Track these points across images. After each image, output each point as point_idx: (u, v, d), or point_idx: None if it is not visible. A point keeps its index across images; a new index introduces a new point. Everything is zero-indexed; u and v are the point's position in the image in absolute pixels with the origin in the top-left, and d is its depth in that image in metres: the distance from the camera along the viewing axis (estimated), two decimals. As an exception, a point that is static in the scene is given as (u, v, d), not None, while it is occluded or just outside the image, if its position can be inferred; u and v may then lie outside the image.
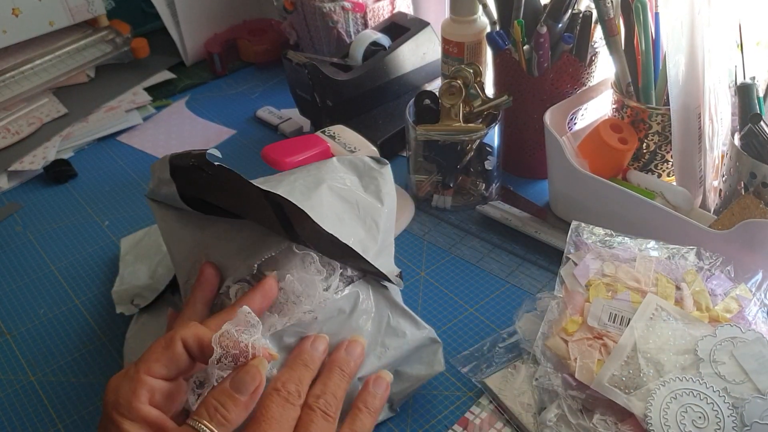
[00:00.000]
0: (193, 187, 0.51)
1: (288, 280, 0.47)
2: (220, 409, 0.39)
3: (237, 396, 0.39)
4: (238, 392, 0.40)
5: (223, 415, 0.39)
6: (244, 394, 0.40)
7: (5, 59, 0.94)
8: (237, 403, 0.39)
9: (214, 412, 0.39)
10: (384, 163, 0.59)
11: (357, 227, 0.53)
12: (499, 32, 0.72)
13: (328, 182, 0.54)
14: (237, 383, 0.40)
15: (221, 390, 0.40)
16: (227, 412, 0.39)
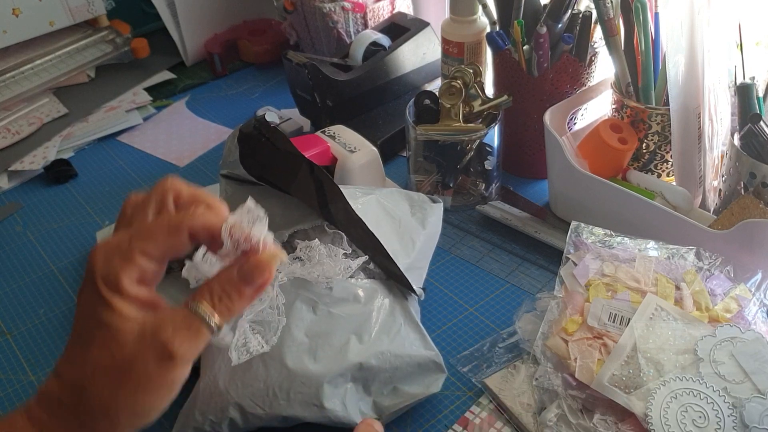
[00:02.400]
0: (254, 158, 0.56)
1: (315, 243, 0.51)
2: (224, 298, 0.37)
3: (243, 287, 0.37)
4: (246, 283, 0.37)
5: (227, 305, 0.37)
6: (251, 286, 0.37)
7: (5, 59, 0.94)
8: (242, 295, 0.37)
9: (218, 300, 0.36)
10: (438, 201, 0.63)
11: (393, 238, 0.57)
12: (499, 32, 0.73)
13: (378, 197, 0.59)
14: (246, 274, 0.37)
15: (228, 278, 0.37)
16: (231, 302, 0.37)
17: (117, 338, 0.35)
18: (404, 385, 0.52)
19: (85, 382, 0.34)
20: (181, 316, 0.36)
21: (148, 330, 0.35)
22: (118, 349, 0.34)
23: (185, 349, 0.35)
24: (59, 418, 0.35)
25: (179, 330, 0.35)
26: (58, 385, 0.35)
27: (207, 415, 0.49)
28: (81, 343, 0.35)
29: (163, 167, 0.87)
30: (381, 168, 0.74)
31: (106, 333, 0.35)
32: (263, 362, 0.49)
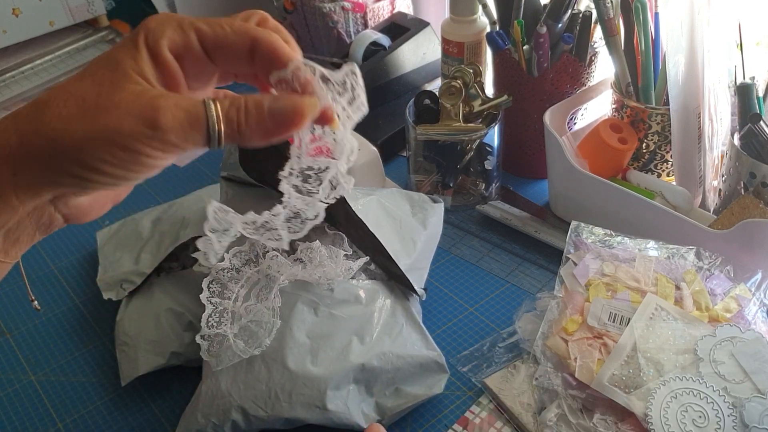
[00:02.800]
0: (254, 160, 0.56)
1: (316, 244, 0.50)
2: (241, 113, 0.32)
3: (265, 116, 0.32)
4: (271, 115, 0.32)
5: (238, 122, 0.32)
6: (273, 120, 0.32)
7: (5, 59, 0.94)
8: (260, 123, 0.32)
9: (234, 110, 0.32)
10: (439, 201, 0.63)
11: (394, 239, 0.56)
12: (499, 32, 0.72)
13: (378, 197, 0.59)
14: (277, 107, 0.32)
15: (256, 100, 0.32)
16: (244, 122, 0.32)
17: (117, 81, 0.31)
18: (407, 385, 0.52)
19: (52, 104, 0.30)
20: (189, 100, 0.31)
21: (150, 93, 0.31)
22: (109, 91, 0.30)
23: (173, 126, 0.30)
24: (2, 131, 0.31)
25: (179, 107, 0.30)
26: (24, 105, 0.32)
27: (209, 418, 0.49)
28: (82, 73, 0.31)
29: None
30: (381, 168, 0.74)
31: (111, 72, 0.31)
32: (265, 364, 0.49)
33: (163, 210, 0.70)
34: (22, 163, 0.30)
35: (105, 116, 0.30)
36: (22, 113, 0.31)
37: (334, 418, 0.49)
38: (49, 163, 0.30)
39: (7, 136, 0.30)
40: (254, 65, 0.34)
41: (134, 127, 0.30)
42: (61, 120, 0.30)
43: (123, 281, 0.62)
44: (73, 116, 0.30)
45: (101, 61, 0.32)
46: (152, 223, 0.68)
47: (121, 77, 0.31)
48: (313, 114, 0.33)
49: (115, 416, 0.55)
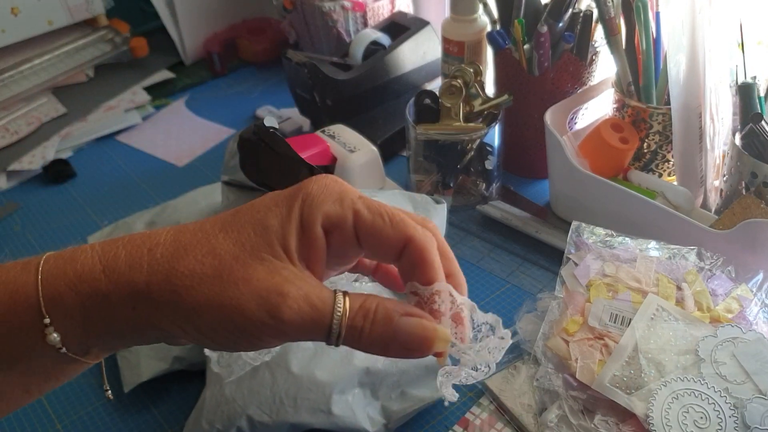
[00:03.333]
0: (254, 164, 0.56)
1: None
2: (367, 322, 0.30)
3: (392, 334, 0.30)
4: (397, 334, 0.30)
5: (362, 331, 0.30)
6: (396, 342, 0.30)
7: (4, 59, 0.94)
8: (383, 338, 0.30)
9: (360, 319, 0.30)
10: (441, 202, 0.62)
11: None
12: (500, 31, 0.72)
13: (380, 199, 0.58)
14: (406, 328, 0.30)
15: (386, 311, 0.30)
16: (368, 332, 0.30)
17: (257, 250, 0.30)
18: (412, 388, 0.52)
19: (191, 256, 0.29)
20: (321, 293, 0.30)
21: (284, 273, 0.29)
22: (247, 258, 0.29)
23: (294, 320, 0.29)
24: (134, 263, 0.30)
25: (307, 301, 0.29)
26: (166, 236, 0.31)
27: (214, 424, 0.49)
28: (226, 226, 0.31)
29: (162, 167, 0.86)
30: (381, 168, 0.74)
31: (257, 236, 0.30)
32: (269, 369, 0.49)
33: (156, 213, 0.69)
34: (144, 303, 0.30)
35: (233, 289, 0.29)
36: (159, 251, 0.30)
37: (339, 422, 0.49)
38: (166, 314, 0.30)
39: (139, 272, 0.30)
40: (398, 263, 0.32)
41: (256, 311, 0.29)
42: (192, 277, 0.29)
43: None
44: (205, 277, 0.29)
45: (251, 217, 0.31)
46: (146, 227, 0.67)
47: (263, 246, 0.30)
48: (441, 347, 0.31)
49: (115, 419, 0.55)
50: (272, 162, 0.56)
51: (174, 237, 0.31)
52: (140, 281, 0.29)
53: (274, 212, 0.31)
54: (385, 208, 0.32)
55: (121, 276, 0.30)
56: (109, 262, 0.30)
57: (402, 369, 0.51)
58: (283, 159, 0.55)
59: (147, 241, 0.31)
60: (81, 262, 0.30)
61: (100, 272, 0.30)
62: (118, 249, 0.30)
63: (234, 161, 0.58)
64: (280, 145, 0.54)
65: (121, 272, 0.30)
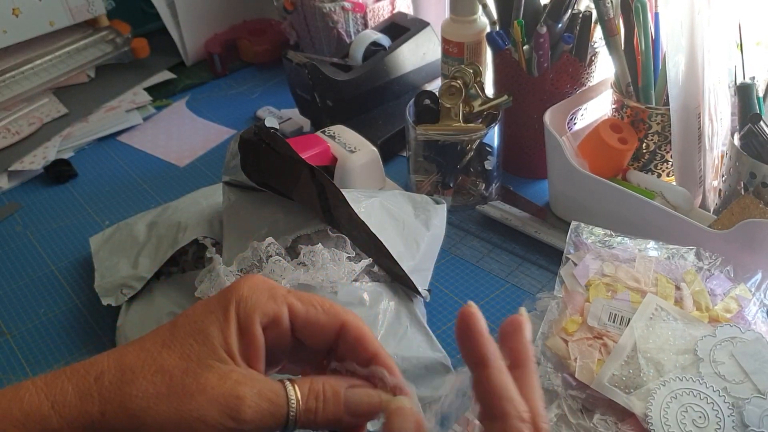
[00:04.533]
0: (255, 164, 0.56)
1: (319, 247, 0.51)
2: (319, 402, 0.32)
3: (342, 408, 0.32)
4: (347, 407, 0.32)
5: (318, 411, 0.32)
6: (348, 414, 0.32)
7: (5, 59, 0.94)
8: (336, 414, 0.32)
9: (312, 401, 0.32)
10: (441, 203, 0.63)
11: (397, 241, 0.57)
12: (499, 32, 0.72)
13: (381, 199, 0.59)
14: (354, 399, 0.33)
15: (333, 388, 0.33)
16: (322, 410, 0.32)
17: (204, 359, 0.31)
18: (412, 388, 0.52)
19: (140, 377, 0.30)
20: (272, 386, 0.31)
21: (234, 377, 0.31)
22: (196, 369, 0.30)
23: (254, 418, 0.30)
24: (83, 395, 0.30)
25: (262, 397, 0.31)
26: (108, 363, 0.31)
27: None
28: (166, 341, 0.31)
29: (163, 167, 0.87)
30: (381, 168, 0.74)
31: (200, 346, 0.31)
32: None
33: (157, 213, 0.69)
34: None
35: (190, 402, 0.30)
36: (107, 378, 0.30)
37: None
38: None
39: (91, 403, 0.29)
40: (336, 349, 0.34)
41: (217, 417, 0.30)
42: (147, 398, 0.30)
43: (122, 286, 0.62)
44: (160, 396, 0.30)
45: (189, 328, 0.32)
46: (147, 227, 0.67)
47: (208, 354, 0.31)
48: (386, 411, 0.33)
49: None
50: (273, 162, 0.56)
51: (117, 362, 0.31)
52: (94, 412, 0.29)
53: (211, 319, 0.32)
54: (316, 298, 0.34)
55: (73, 409, 0.29)
56: (57, 397, 0.29)
57: (402, 368, 0.51)
58: (284, 159, 0.55)
59: (90, 369, 0.30)
60: (27, 401, 0.30)
61: (48, 409, 0.29)
62: (63, 383, 0.30)
63: (235, 162, 0.58)
64: (281, 146, 0.55)
65: (72, 405, 0.29)
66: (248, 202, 0.58)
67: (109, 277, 0.64)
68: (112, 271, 0.65)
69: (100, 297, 0.62)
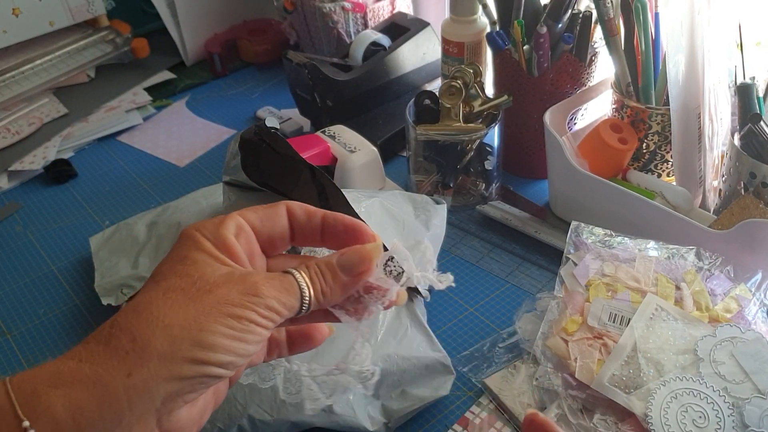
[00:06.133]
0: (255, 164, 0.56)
1: (319, 248, 0.49)
2: (320, 276, 0.34)
3: (340, 273, 0.34)
4: (343, 269, 0.34)
5: (321, 285, 0.34)
6: (347, 274, 0.34)
7: (5, 59, 0.94)
8: (337, 279, 0.34)
9: (315, 275, 0.34)
10: (441, 203, 0.63)
11: None
12: (499, 32, 0.72)
13: (381, 200, 0.59)
14: (345, 261, 0.34)
15: (326, 261, 0.34)
16: (325, 283, 0.34)
17: (203, 271, 0.31)
18: (413, 388, 0.52)
19: (153, 300, 0.30)
20: (275, 273, 0.33)
21: (238, 272, 0.32)
22: (202, 277, 0.31)
23: (273, 293, 0.31)
24: (106, 340, 0.29)
25: (271, 278, 0.32)
26: (114, 316, 0.30)
27: (215, 423, 0.49)
28: (156, 279, 0.31)
29: (163, 167, 0.87)
30: (381, 168, 0.74)
31: (189, 265, 0.31)
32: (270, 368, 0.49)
33: (157, 213, 0.69)
34: (139, 359, 0.28)
35: (211, 295, 0.30)
36: (121, 319, 0.30)
37: (340, 421, 0.49)
38: (168, 352, 0.29)
39: (117, 339, 0.29)
40: (294, 220, 0.36)
41: (242, 297, 0.30)
42: (171, 308, 0.30)
43: (122, 286, 0.62)
44: (181, 302, 0.30)
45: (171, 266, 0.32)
46: (147, 227, 0.67)
47: (206, 266, 0.31)
48: (378, 251, 0.35)
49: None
50: (273, 162, 0.56)
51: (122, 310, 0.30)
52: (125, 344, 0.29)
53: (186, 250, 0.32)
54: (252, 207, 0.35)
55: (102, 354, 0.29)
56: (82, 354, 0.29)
57: (402, 368, 0.51)
58: (284, 159, 0.55)
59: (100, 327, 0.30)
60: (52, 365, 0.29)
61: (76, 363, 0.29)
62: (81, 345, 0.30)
63: (235, 162, 0.58)
64: (282, 146, 0.55)
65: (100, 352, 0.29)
66: (248, 202, 0.58)
67: (109, 277, 0.64)
68: (112, 271, 0.65)
69: (100, 297, 0.62)
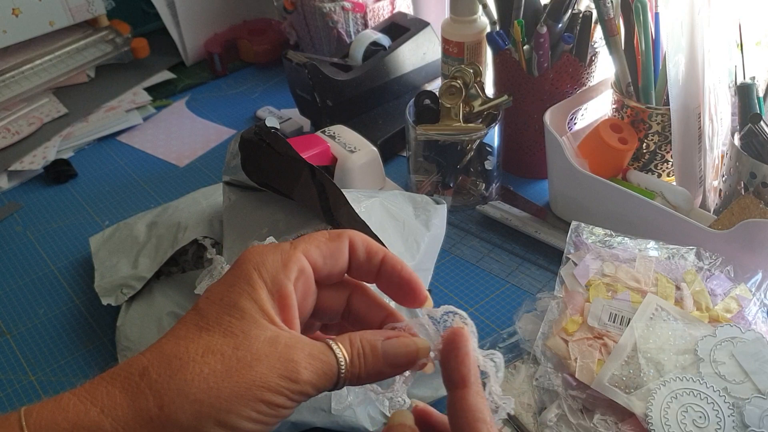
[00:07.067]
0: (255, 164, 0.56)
1: None
2: (361, 359, 0.32)
3: (380, 360, 0.32)
4: (386, 359, 0.33)
5: (360, 369, 0.32)
6: (389, 367, 0.33)
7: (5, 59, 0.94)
8: (377, 366, 0.32)
9: (356, 360, 0.32)
10: (441, 203, 0.63)
11: (398, 241, 0.57)
12: (499, 32, 0.72)
13: (381, 200, 0.59)
14: (390, 352, 0.33)
15: (370, 343, 0.33)
16: (364, 368, 0.32)
17: (248, 330, 0.30)
18: (413, 388, 0.52)
19: (190, 360, 0.29)
20: (318, 347, 0.31)
21: (282, 341, 0.30)
22: (244, 342, 0.29)
23: (311, 379, 0.30)
24: (133, 393, 0.28)
25: (314, 358, 0.30)
26: (148, 358, 0.29)
27: None
28: (199, 323, 0.30)
29: (163, 167, 0.87)
30: (381, 168, 0.74)
31: (236, 319, 0.30)
32: None
33: (157, 213, 0.69)
34: (162, 428, 0.28)
35: (249, 373, 0.29)
36: (154, 372, 0.28)
37: (340, 421, 0.49)
38: (191, 427, 0.28)
39: (144, 399, 0.28)
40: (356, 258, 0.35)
41: (279, 381, 0.29)
42: (205, 379, 0.28)
43: (122, 286, 0.62)
44: (217, 374, 0.28)
45: (219, 309, 0.31)
46: (147, 227, 0.67)
47: (250, 324, 0.30)
48: (423, 355, 0.34)
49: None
50: (274, 162, 0.56)
51: (158, 354, 0.29)
52: (150, 407, 0.28)
53: (238, 292, 0.31)
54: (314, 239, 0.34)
55: (126, 410, 0.28)
56: (104, 402, 0.28)
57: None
58: (284, 159, 0.55)
59: (131, 369, 0.29)
60: (72, 411, 0.28)
61: (98, 414, 0.27)
62: (106, 387, 0.29)
63: (235, 161, 0.58)
64: (282, 146, 0.55)
65: (124, 407, 0.28)
66: (248, 202, 0.58)
67: (109, 277, 0.64)
68: (111, 271, 0.65)
69: (99, 297, 0.62)
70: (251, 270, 0.31)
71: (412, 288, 0.35)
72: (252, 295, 0.31)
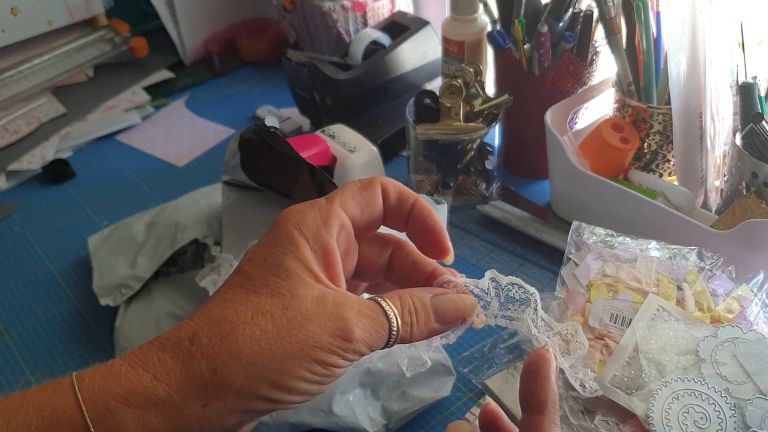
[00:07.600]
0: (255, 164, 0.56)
1: None
2: (413, 316, 0.32)
3: (431, 317, 0.33)
4: (436, 315, 0.33)
5: (413, 327, 0.32)
6: (439, 321, 0.33)
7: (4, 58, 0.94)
8: (428, 324, 0.32)
9: (407, 313, 0.32)
10: (442, 202, 0.63)
11: None
12: (500, 31, 0.72)
13: None
14: (441, 309, 0.33)
15: (421, 300, 0.33)
16: (416, 325, 0.32)
17: (296, 290, 0.29)
18: (413, 389, 0.52)
19: (240, 323, 0.28)
20: (368, 304, 0.31)
21: (331, 299, 0.30)
22: (293, 302, 0.29)
23: (364, 337, 0.30)
24: (185, 359, 0.28)
25: (364, 315, 0.30)
26: (196, 322, 0.29)
27: None
28: (245, 286, 0.30)
29: (161, 167, 0.86)
30: (381, 168, 0.74)
31: (282, 279, 0.29)
32: None
33: (156, 213, 0.69)
34: (216, 392, 0.27)
35: (301, 332, 0.28)
36: (204, 336, 0.28)
37: (340, 422, 0.49)
38: (246, 390, 0.28)
39: (196, 364, 0.27)
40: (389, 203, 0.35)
41: (331, 340, 0.29)
42: (257, 341, 0.28)
43: (121, 286, 0.62)
44: (269, 335, 0.28)
45: (264, 270, 0.30)
46: (146, 227, 0.67)
47: (297, 284, 0.29)
48: (471, 312, 0.35)
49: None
50: (273, 162, 0.56)
51: (207, 319, 0.29)
52: (203, 372, 0.27)
53: (281, 252, 0.30)
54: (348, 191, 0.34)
55: (178, 375, 0.27)
56: (156, 368, 0.27)
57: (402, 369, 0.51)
58: (284, 159, 0.55)
59: (180, 334, 0.28)
60: (124, 376, 0.27)
61: (151, 380, 0.27)
62: (157, 353, 0.28)
63: (235, 161, 0.58)
64: (282, 145, 0.54)
65: (176, 372, 0.27)
66: (248, 202, 0.58)
67: (108, 277, 0.64)
68: (110, 271, 0.64)
69: (98, 297, 0.62)
70: (292, 229, 0.31)
71: (437, 237, 0.35)
72: (296, 254, 0.30)
